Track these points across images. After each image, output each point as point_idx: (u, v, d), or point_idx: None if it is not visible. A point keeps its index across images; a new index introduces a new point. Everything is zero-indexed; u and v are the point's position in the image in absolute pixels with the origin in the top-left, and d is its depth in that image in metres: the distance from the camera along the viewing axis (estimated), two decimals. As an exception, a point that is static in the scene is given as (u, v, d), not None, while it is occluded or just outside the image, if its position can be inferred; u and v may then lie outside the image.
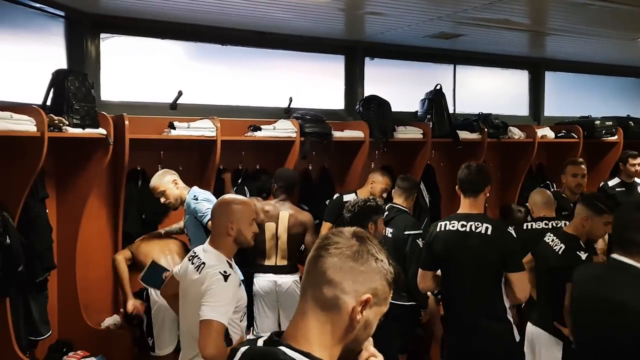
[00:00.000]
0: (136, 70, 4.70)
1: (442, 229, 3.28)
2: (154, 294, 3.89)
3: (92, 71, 4.34)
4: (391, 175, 4.88)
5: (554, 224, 4.07)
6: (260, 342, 1.27)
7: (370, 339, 1.31)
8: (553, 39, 5.69)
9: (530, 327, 3.57)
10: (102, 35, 4.47)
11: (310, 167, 5.14)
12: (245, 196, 4.55)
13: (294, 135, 4.72)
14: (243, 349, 1.27)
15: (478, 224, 3.15)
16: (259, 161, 4.92)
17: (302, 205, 4.85)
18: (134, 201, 4.40)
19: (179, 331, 4.05)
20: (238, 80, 5.12)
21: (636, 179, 6.04)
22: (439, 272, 3.37)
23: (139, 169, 4.46)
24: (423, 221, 5.52)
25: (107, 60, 4.51)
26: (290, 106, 5.13)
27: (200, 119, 4.47)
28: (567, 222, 3.73)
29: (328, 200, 4.93)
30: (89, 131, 3.84)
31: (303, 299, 1.28)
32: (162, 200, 3.98)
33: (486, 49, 6.09)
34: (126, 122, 4.04)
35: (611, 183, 6.06)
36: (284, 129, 4.73)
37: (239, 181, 4.76)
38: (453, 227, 3.23)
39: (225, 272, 2.53)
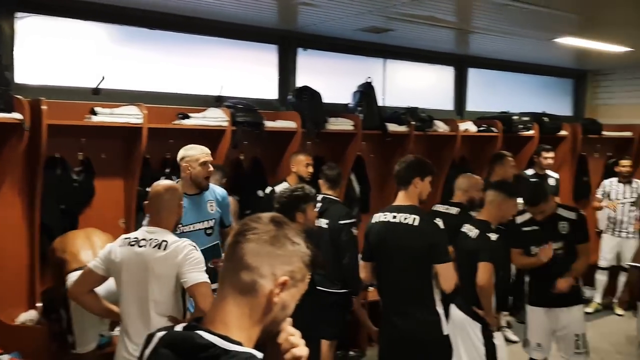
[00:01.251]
0: (56, 53, 4.26)
1: (377, 220, 3.25)
2: None
3: (6, 52, 3.89)
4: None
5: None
6: (179, 327, 1.23)
7: (289, 319, 1.29)
8: (476, 37, 5.69)
9: (454, 310, 3.59)
10: (17, 14, 4.01)
11: (242, 157, 4.87)
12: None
13: (225, 124, 4.43)
14: (160, 334, 1.23)
15: (407, 216, 3.11)
16: (188, 150, 4.59)
17: (234, 196, 4.58)
18: (52, 191, 3.97)
19: (103, 327, 3.77)
20: (166, 66, 4.76)
21: (548, 171, 6.22)
22: None
23: (57, 156, 4.03)
24: (353, 210, 5.42)
25: (24, 41, 4.06)
26: (222, 94, 4.82)
27: (125, 105, 4.10)
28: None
29: (260, 191, 4.72)
30: (2, 115, 3.45)
31: (222, 284, 1.26)
32: (209, 170, 3.62)
33: (414, 44, 6.02)
34: (43, 107, 3.62)
35: (527, 174, 6.21)
36: (215, 118, 4.44)
37: (167, 170, 4.42)
38: (385, 218, 3.21)
39: (191, 243, 2.70)
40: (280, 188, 4.28)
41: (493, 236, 3.51)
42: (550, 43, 5.73)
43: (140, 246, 2.68)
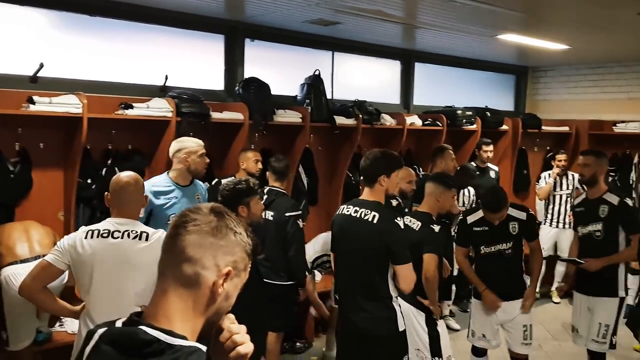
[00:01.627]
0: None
1: (340, 212, 3.20)
2: (7, 282, 3.34)
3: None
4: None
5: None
6: (119, 323, 1.19)
7: (232, 316, 1.27)
8: (422, 32, 5.73)
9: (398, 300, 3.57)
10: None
11: (186, 149, 4.74)
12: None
13: (170, 114, 4.29)
14: (100, 330, 1.19)
15: (367, 212, 3.03)
16: (131, 141, 4.42)
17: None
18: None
19: (41, 323, 3.61)
20: (109, 55, 4.56)
21: (489, 164, 6.37)
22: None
23: (-9, 146, 3.83)
24: (301, 203, 5.40)
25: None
26: (166, 84, 4.68)
27: (65, 94, 3.91)
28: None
29: (206, 183, 4.61)
30: None
31: (162, 277, 1.22)
32: (207, 161, 3.92)
33: (362, 38, 6.02)
34: (-25, 95, 3.43)
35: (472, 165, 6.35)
36: (159, 108, 4.29)
37: (109, 162, 4.26)
38: (348, 212, 3.13)
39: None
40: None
41: (436, 228, 3.54)
42: (493, 39, 5.84)
43: (114, 237, 2.61)
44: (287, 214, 3.95)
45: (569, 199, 6.46)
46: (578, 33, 5.54)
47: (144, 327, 1.13)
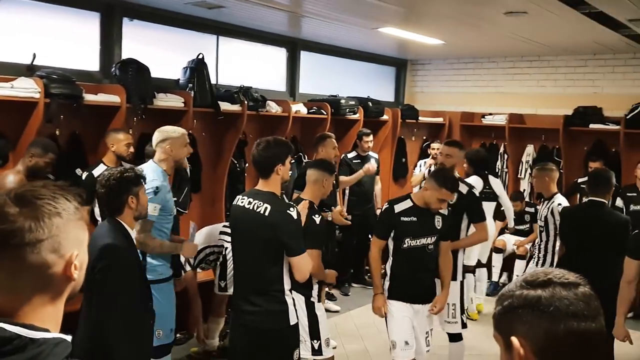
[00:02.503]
0: None
1: (236, 203, 3.06)
2: None
3: None
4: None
5: None
6: None
7: None
8: (308, 21, 5.72)
9: None
10: None
11: (57, 133, 4.36)
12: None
13: (37, 95, 3.91)
14: None
15: (260, 203, 2.91)
16: (-7, 123, 4.02)
17: (47, 174, 4.11)
18: None
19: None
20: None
21: (370, 152, 6.53)
22: None
23: None
24: (183, 190, 5.20)
25: None
26: (34, 63, 4.26)
27: None
28: None
29: (79, 169, 4.30)
30: None
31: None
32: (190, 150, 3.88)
33: (248, 23, 5.89)
34: None
35: (350, 155, 6.47)
36: (25, 88, 3.90)
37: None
38: (242, 203, 2.99)
39: None
40: (98, 171, 3.91)
41: (317, 218, 3.38)
42: (375, 32, 5.96)
43: None
44: None
45: None
46: (452, 29, 5.80)
47: (1, 324, 1.03)
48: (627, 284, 3.47)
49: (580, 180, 6.39)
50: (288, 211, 2.90)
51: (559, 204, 4.52)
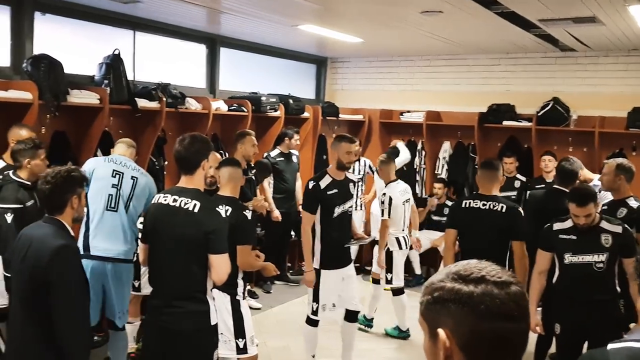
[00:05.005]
0: None
1: (156, 201, 3.12)
2: None
3: None
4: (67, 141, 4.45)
5: None
6: None
7: None
8: (227, 18, 5.90)
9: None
10: None
11: (-36, 130, 4.38)
12: None
13: (-58, 92, 3.95)
14: None
15: (188, 200, 2.98)
16: None
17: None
18: None
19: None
20: None
21: (292, 150, 6.83)
22: None
23: None
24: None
25: None
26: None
27: None
28: None
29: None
30: None
31: None
32: None
33: (166, 19, 6.02)
34: None
35: (273, 154, 6.75)
36: None
37: None
38: (165, 200, 3.04)
39: None
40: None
41: (248, 214, 3.64)
42: (294, 29, 6.22)
43: None
44: None
45: (359, 183, 7.12)
46: (369, 28, 6.12)
47: None
48: (538, 274, 3.91)
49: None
50: (217, 208, 3.06)
51: None
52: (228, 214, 3.54)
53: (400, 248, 5.58)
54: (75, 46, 5.52)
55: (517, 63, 7.48)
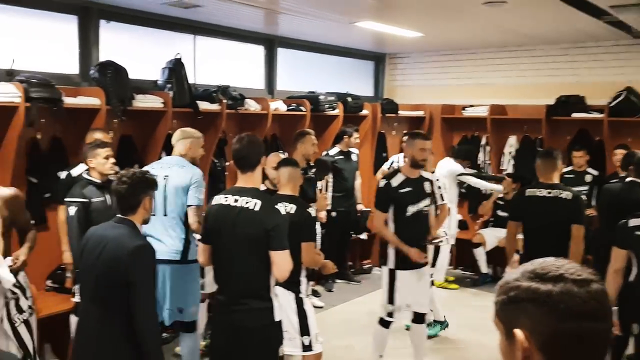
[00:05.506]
0: None
1: (217, 202, 3.18)
2: None
3: None
4: (133, 145, 4.63)
5: None
6: None
7: None
8: (285, 18, 5.97)
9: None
10: None
11: (39, 137, 4.61)
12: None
13: (18, 100, 4.15)
14: None
15: (248, 200, 3.04)
16: (-25, 128, 4.26)
17: (30, 178, 4.40)
18: None
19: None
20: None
21: (351, 149, 6.83)
22: None
23: None
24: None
25: None
26: (14, 68, 4.51)
27: None
28: None
29: (61, 172, 4.54)
30: None
31: None
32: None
33: (225, 22, 6.14)
34: None
35: (332, 152, 6.78)
36: (5, 93, 4.13)
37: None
38: (226, 201, 3.10)
39: None
40: (77, 171, 4.22)
41: (312, 211, 3.69)
42: (351, 26, 6.21)
43: None
44: None
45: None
46: (429, 21, 6.05)
47: None
48: (614, 272, 3.71)
49: (564, 170, 6.67)
50: (277, 206, 3.12)
51: None
52: (292, 211, 3.60)
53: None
54: (139, 52, 5.72)
55: (587, 52, 7.22)
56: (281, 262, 3.01)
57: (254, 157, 3.12)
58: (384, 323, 4.50)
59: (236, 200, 3.07)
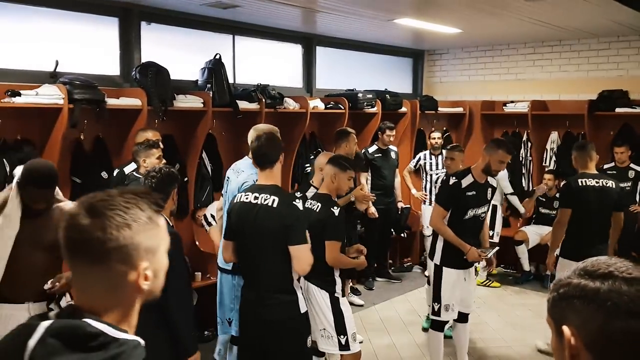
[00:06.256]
0: None
1: (238, 200, 3.22)
2: None
3: None
4: (174, 145, 4.59)
5: None
6: (52, 315, 1.15)
7: None
8: (323, 17, 5.86)
9: (303, 282, 3.68)
10: None
11: (82, 137, 4.60)
12: (5, 170, 3.95)
13: (61, 101, 4.14)
14: (45, 323, 1.12)
15: (267, 196, 3.09)
16: (20, 130, 4.24)
17: (74, 178, 4.39)
18: None
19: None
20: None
21: (390, 146, 6.67)
22: None
23: None
24: (206, 189, 5.42)
25: None
26: (57, 70, 4.51)
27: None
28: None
29: (104, 172, 4.53)
30: None
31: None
32: None
33: (263, 21, 6.07)
34: None
35: (370, 150, 6.63)
36: (49, 95, 4.13)
37: (-3, 152, 4.07)
38: (247, 199, 3.15)
39: None
40: (129, 169, 4.18)
41: (335, 210, 3.60)
42: (390, 23, 6.08)
43: None
44: None
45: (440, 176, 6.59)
46: (468, 17, 5.87)
47: (89, 320, 1.12)
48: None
49: (606, 166, 6.43)
50: (294, 202, 3.11)
51: None
52: (317, 210, 3.61)
53: None
54: (179, 52, 5.68)
55: (630, 46, 6.96)
56: (300, 256, 3.03)
57: (272, 154, 3.15)
58: (437, 325, 4.34)
59: (256, 198, 3.12)
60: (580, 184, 4.47)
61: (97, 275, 1.16)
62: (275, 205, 3.05)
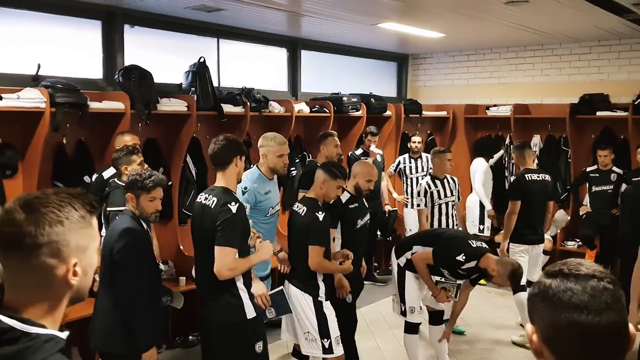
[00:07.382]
0: None
1: (197, 200, 3.24)
2: None
3: None
4: (158, 149, 4.51)
5: None
6: None
7: None
8: (307, 20, 5.83)
9: (287, 285, 3.68)
10: None
11: (64, 141, 4.50)
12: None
13: (43, 105, 4.03)
14: None
15: (211, 197, 3.09)
16: (1, 134, 4.15)
17: (56, 182, 4.28)
18: None
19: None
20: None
21: (374, 149, 6.61)
22: None
23: None
24: (190, 193, 5.35)
25: None
26: (39, 74, 4.40)
27: None
28: None
29: (87, 176, 4.43)
30: None
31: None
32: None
33: (248, 25, 6.01)
34: None
35: (357, 152, 6.58)
36: (31, 99, 4.03)
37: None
38: (200, 199, 3.17)
39: None
40: (108, 173, 4.08)
41: (320, 215, 3.55)
42: (374, 27, 6.06)
43: None
44: None
45: (420, 180, 6.51)
46: (452, 22, 5.87)
47: (0, 316, 1.13)
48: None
49: (589, 169, 6.44)
50: (229, 205, 3.02)
51: None
52: (303, 214, 3.59)
53: None
54: (163, 56, 5.60)
55: (611, 50, 7.00)
56: (218, 258, 2.97)
57: (223, 156, 3.13)
58: (409, 328, 4.32)
59: (206, 199, 3.13)
60: (527, 178, 5.13)
61: (27, 269, 1.17)
62: (212, 205, 3.05)
